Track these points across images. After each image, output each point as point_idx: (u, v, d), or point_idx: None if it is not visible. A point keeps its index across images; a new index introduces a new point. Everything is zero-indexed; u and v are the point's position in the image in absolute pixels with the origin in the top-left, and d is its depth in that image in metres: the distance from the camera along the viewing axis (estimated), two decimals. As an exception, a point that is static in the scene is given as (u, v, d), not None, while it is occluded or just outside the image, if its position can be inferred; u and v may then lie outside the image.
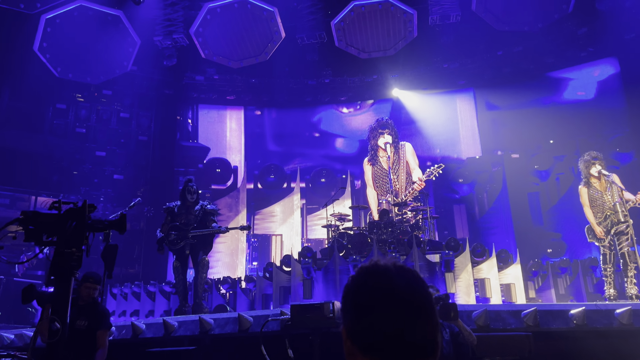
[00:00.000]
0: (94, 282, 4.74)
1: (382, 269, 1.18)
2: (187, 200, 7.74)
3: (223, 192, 15.01)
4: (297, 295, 8.26)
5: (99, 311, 4.71)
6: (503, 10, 11.45)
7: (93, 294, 4.72)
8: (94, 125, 13.69)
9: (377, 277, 1.16)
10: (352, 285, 1.19)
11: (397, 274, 1.16)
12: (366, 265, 1.21)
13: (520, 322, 5.28)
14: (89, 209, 3.13)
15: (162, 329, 5.84)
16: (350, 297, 1.18)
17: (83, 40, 11.84)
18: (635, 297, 7.20)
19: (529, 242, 12.61)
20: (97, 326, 4.60)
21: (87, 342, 4.51)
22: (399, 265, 1.19)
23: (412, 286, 1.15)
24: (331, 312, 3.93)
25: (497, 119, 14.77)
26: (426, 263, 8.14)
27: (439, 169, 9.14)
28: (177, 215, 7.71)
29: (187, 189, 7.75)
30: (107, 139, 13.77)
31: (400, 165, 9.79)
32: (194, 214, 7.70)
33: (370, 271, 1.18)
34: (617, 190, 7.67)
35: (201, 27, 11.94)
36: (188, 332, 5.75)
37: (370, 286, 1.15)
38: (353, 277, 1.21)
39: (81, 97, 13.70)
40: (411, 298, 1.13)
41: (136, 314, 9.88)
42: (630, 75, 12.67)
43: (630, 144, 12.45)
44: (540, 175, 13.90)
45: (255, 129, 16.16)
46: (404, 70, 14.96)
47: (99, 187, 13.40)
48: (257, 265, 13.86)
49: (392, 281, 1.14)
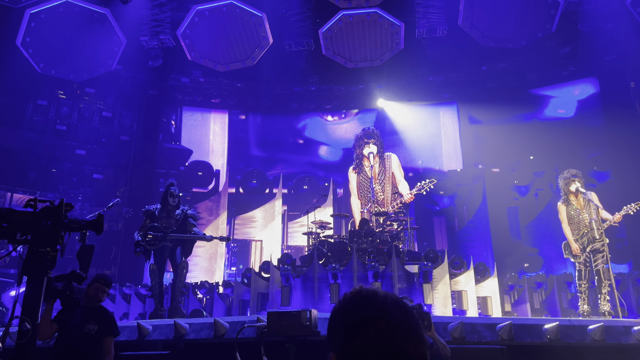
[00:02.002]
0: (104, 284, 4.55)
1: (370, 292, 1.19)
2: (168, 204, 7.66)
3: (204, 195, 14.89)
4: (275, 302, 8.21)
5: (108, 316, 4.52)
6: (488, 26, 11.62)
7: (102, 296, 4.53)
8: (75, 123, 13.48)
9: (366, 301, 1.17)
10: (342, 310, 1.19)
11: (385, 296, 1.18)
12: (353, 290, 1.21)
13: (496, 336, 5.32)
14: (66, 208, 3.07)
15: (135, 332, 5.75)
16: (341, 321, 1.18)
17: (67, 36, 11.67)
18: (608, 313, 7.32)
19: (506, 256, 12.75)
20: (106, 332, 4.40)
21: (95, 348, 4.34)
22: (382, 290, 1.21)
23: (401, 307, 1.16)
24: (308, 320, 3.92)
25: (479, 133, 14.97)
26: (405, 273, 8.18)
27: (430, 184, 9.21)
28: (157, 218, 7.63)
29: (169, 193, 7.67)
30: (88, 138, 13.57)
31: (385, 176, 9.83)
32: (174, 217, 7.65)
33: (358, 295, 1.19)
34: (594, 209, 7.82)
35: (188, 29, 11.88)
36: (162, 337, 5.66)
37: (360, 310, 1.16)
38: (341, 301, 1.21)
39: (63, 94, 13.50)
40: (401, 319, 1.14)
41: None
42: (610, 96, 12.97)
43: (607, 163, 12.71)
44: (519, 191, 14.10)
45: (239, 133, 16.10)
46: (389, 81, 15.09)
47: (78, 186, 13.19)
48: (235, 271, 13.74)
49: (381, 304, 1.16)
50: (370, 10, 11.60)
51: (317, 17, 12.84)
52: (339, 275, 8.07)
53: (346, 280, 8.15)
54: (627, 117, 12.26)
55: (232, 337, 4.85)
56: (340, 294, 8.01)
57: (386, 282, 8.04)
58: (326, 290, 8.14)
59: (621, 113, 12.35)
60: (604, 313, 7.34)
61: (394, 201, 9.60)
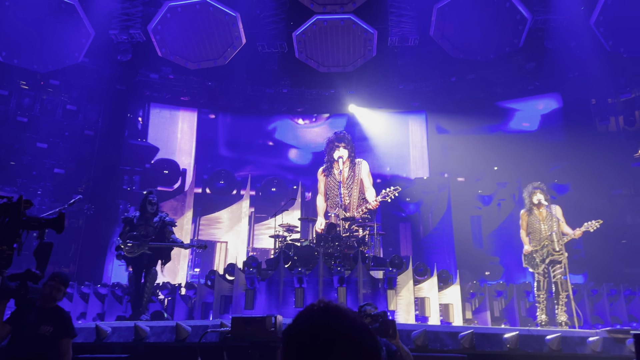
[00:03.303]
0: (60, 283, 4.36)
1: (330, 316, 1.20)
2: (147, 212, 7.77)
3: (169, 194, 14.62)
4: (239, 306, 8.12)
5: (64, 317, 4.34)
6: (459, 38, 11.85)
7: (57, 295, 4.34)
8: (37, 115, 13.01)
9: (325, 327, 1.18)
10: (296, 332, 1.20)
11: (341, 324, 1.18)
12: (310, 312, 1.21)
13: (457, 344, 5.40)
14: (25, 205, 2.96)
15: (93, 334, 5.58)
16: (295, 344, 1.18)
17: (33, 26, 11.27)
18: (565, 323, 7.55)
19: (468, 263, 13.00)
20: (62, 333, 4.24)
21: (50, 349, 4.17)
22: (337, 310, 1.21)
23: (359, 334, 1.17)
24: (273, 325, 3.88)
25: (446, 142, 15.24)
26: (370, 279, 8.22)
27: (395, 191, 9.30)
28: (136, 226, 7.72)
29: (148, 201, 7.79)
30: (50, 131, 13.11)
31: (354, 182, 9.88)
32: (152, 225, 7.74)
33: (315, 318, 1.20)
34: (555, 222, 8.07)
35: (160, 24, 11.66)
36: (122, 339, 5.51)
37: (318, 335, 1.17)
38: (298, 323, 1.22)
39: (25, 85, 13.02)
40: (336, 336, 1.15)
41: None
42: (571, 112, 13.43)
43: (567, 177, 13.13)
44: (483, 200, 14.41)
45: (208, 132, 15.89)
46: (360, 88, 15.20)
47: (38, 180, 12.74)
48: (199, 272, 13.54)
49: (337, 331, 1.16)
50: (344, 16, 11.65)
51: (291, 19, 12.82)
52: (304, 280, 8.05)
53: (311, 284, 8.13)
54: (587, 133, 12.72)
55: (194, 341, 4.76)
56: (305, 298, 7.99)
57: (351, 287, 8.06)
58: (291, 295, 8.10)
59: (582, 129, 12.81)
60: (561, 323, 7.56)
61: (359, 207, 9.67)
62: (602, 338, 5.65)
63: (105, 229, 13.28)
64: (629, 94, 12.30)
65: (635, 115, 12.22)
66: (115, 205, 13.87)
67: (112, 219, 13.55)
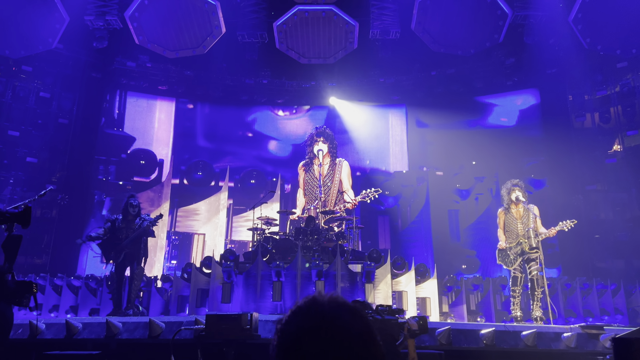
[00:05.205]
0: None
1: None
2: (129, 214, 8.00)
3: (146, 185, 14.37)
4: (215, 299, 8.04)
5: None
6: (440, 32, 11.85)
7: None
8: (9, 102, 12.60)
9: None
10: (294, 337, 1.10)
11: (341, 326, 1.10)
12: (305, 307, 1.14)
13: (434, 340, 5.42)
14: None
15: (63, 330, 5.43)
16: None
17: (4, 10, 10.90)
18: (540, 319, 7.67)
19: (445, 257, 13.12)
20: None
21: None
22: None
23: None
24: (249, 323, 3.82)
25: (426, 136, 15.29)
26: (348, 273, 8.22)
27: (375, 192, 9.31)
28: (117, 229, 7.91)
29: (129, 204, 8.02)
30: (22, 118, 12.72)
31: (332, 181, 9.85)
32: (133, 228, 7.95)
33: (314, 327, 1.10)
34: (532, 218, 8.17)
35: (137, 11, 11.37)
36: (93, 335, 5.38)
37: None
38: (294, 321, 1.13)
39: (-4, 71, 12.61)
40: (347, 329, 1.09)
41: (39, 309, 9.18)
42: (549, 107, 13.59)
43: (544, 172, 13.31)
44: (460, 194, 14.52)
45: (185, 122, 15.63)
46: (341, 80, 15.12)
47: (9, 169, 12.37)
48: (175, 265, 13.37)
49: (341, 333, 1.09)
50: (325, 7, 11.55)
51: (272, 9, 12.65)
52: (282, 273, 8.00)
53: (289, 278, 8.09)
54: (564, 128, 12.89)
55: (168, 338, 4.67)
56: (283, 292, 7.95)
57: (329, 280, 8.04)
58: (269, 288, 8.04)
59: (559, 124, 12.97)
60: (537, 319, 7.68)
61: (336, 205, 9.67)
62: (576, 334, 5.73)
63: (79, 219, 12.99)
64: (604, 91, 12.49)
65: (610, 112, 12.41)
66: (90, 196, 13.59)
67: (86, 210, 13.28)
